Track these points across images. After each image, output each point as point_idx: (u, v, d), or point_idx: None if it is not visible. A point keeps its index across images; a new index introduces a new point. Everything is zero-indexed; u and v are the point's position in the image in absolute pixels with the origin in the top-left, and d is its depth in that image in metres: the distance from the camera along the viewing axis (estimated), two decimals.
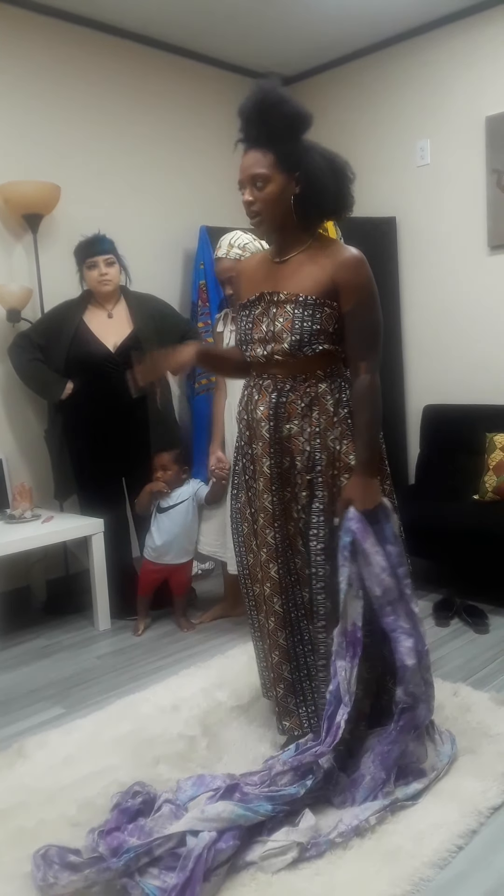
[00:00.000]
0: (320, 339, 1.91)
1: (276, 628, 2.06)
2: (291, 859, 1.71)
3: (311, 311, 1.90)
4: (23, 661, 2.99)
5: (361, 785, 1.91)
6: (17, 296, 3.35)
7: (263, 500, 2.01)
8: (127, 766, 2.13)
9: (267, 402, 1.97)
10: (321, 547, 1.97)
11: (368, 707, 2.06)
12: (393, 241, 4.18)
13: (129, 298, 3.35)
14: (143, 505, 3.23)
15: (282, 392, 1.96)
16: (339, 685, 1.90)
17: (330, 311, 1.91)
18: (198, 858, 1.61)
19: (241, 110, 1.89)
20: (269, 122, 1.85)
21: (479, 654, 2.82)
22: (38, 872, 1.66)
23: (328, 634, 1.98)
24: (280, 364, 1.96)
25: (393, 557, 1.96)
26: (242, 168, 1.90)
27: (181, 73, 4.11)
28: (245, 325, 2.02)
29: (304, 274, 1.93)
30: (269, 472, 1.98)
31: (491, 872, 1.69)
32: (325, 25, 3.84)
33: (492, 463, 3.48)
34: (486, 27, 3.71)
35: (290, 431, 1.96)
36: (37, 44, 3.52)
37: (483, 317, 3.90)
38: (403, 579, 1.97)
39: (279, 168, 1.87)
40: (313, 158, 1.90)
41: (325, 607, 1.99)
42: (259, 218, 1.92)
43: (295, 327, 1.90)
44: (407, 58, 4.04)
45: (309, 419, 1.95)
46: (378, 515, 1.96)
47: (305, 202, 1.91)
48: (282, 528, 2.01)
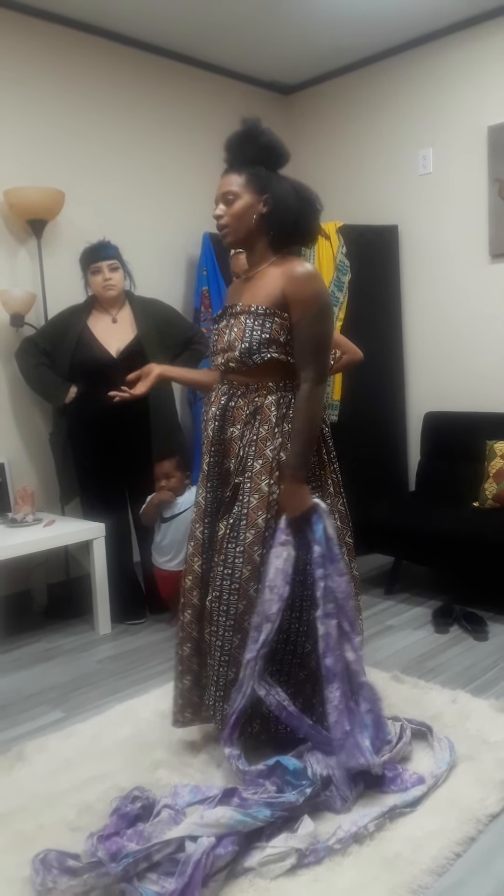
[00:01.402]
0: (270, 347, 2.01)
1: (192, 621, 2.15)
2: (290, 865, 1.71)
3: (262, 321, 2.01)
4: (23, 664, 3.00)
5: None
6: (21, 301, 3.37)
7: (198, 496, 2.15)
8: (126, 771, 2.13)
9: (217, 405, 2.10)
10: (240, 549, 2.02)
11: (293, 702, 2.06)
12: (395, 249, 4.20)
13: (133, 303, 3.36)
14: (150, 516, 3.23)
15: (232, 397, 2.08)
16: (244, 680, 1.96)
17: (280, 322, 2.01)
18: (196, 864, 1.61)
19: (226, 141, 2.09)
20: (245, 149, 2.05)
21: (479, 662, 2.82)
22: (37, 877, 1.66)
23: (234, 634, 2.03)
24: (234, 371, 2.08)
25: (313, 559, 1.98)
26: (218, 187, 2.09)
27: (186, 81, 4.13)
28: (213, 338, 2.17)
29: (258, 287, 2.06)
30: (207, 469, 2.12)
31: (489, 880, 1.69)
32: (328, 35, 3.86)
33: (492, 470, 3.49)
34: (488, 37, 3.74)
35: (231, 435, 2.07)
36: (42, 51, 3.55)
37: (484, 325, 3.92)
38: (320, 580, 1.98)
39: (249, 188, 2.03)
40: (281, 185, 2.05)
41: (236, 608, 2.02)
42: (226, 230, 2.07)
43: (245, 336, 2.01)
44: (409, 67, 4.06)
45: (251, 426, 2.05)
46: (310, 519, 2.00)
47: (271, 221, 2.04)
48: (211, 524, 2.13)
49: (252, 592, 2.01)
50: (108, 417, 3.26)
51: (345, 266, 3.92)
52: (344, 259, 3.92)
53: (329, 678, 1.97)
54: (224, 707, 2.06)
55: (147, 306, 3.38)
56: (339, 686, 1.97)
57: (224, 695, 2.06)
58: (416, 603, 3.46)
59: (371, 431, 4.10)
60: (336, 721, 1.96)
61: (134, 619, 3.37)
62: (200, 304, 3.95)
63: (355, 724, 1.99)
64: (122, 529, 3.44)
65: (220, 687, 2.07)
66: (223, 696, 2.06)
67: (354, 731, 1.97)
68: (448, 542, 3.35)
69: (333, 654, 1.98)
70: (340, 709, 1.97)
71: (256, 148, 2.04)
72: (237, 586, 2.02)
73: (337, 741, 1.95)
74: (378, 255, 4.15)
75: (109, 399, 2.32)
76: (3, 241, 3.47)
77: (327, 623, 1.98)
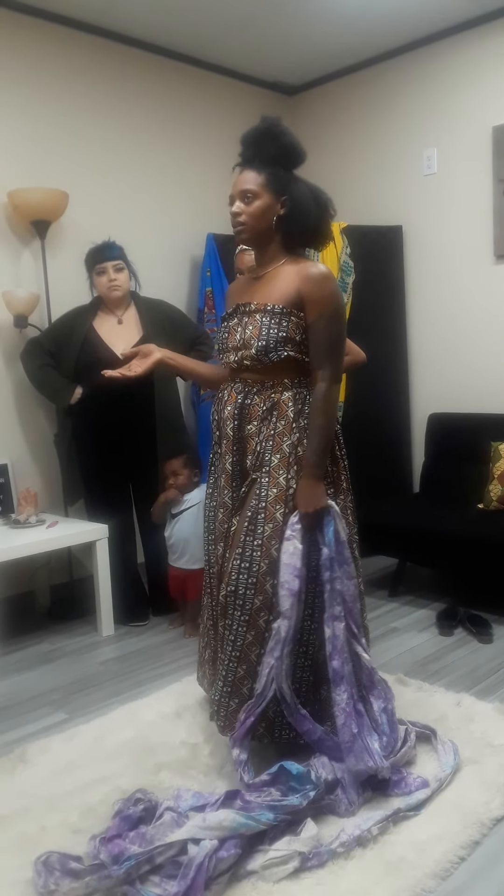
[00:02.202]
0: (287, 346, 2.03)
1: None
2: (293, 868, 1.70)
3: (278, 320, 2.03)
4: (26, 666, 2.99)
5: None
6: (25, 302, 3.37)
7: (224, 496, 2.14)
8: (129, 773, 2.12)
9: (233, 404, 2.10)
10: (258, 543, 2.02)
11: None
12: (399, 249, 4.19)
13: (139, 304, 3.36)
14: (158, 514, 3.24)
15: (248, 395, 2.09)
16: (265, 682, 1.95)
17: (296, 321, 2.03)
18: (199, 867, 1.61)
19: (244, 136, 2.08)
20: (266, 148, 2.05)
21: (483, 664, 2.81)
22: (39, 879, 1.66)
23: (248, 630, 2.02)
24: (249, 369, 2.09)
25: (320, 561, 2.01)
26: (235, 184, 2.08)
27: (190, 82, 4.13)
28: (223, 335, 2.16)
29: (273, 286, 2.07)
30: (231, 468, 2.12)
31: (493, 884, 1.68)
32: (333, 35, 3.86)
33: (497, 472, 3.47)
34: (493, 38, 3.73)
35: (248, 432, 2.09)
36: (46, 52, 3.55)
37: (489, 325, 3.91)
38: (326, 583, 2.00)
39: (268, 188, 2.04)
40: (300, 188, 2.07)
41: (252, 603, 2.02)
42: (242, 228, 2.07)
43: (262, 334, 2.03)
44: (414, 68, 4.05)
45: (268, 422, 2.06)
46: (322, 518, 2.03)
47: (289, 223, 2.07)
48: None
49: (268, 587, 2.01)
50: (114, 418, 3.26)
51: (349, 267, 3.92)
52: (348, 260, 3.92)
53: (336, 680, 1.98)
54: (229, 703, 2.05)
55: (152, 307, 3.38)
56: (346, 689, 1.98)
57: (231, 691, 2.05)
58: (421, 605, 3.45)
59: (375, 433, 4.09)
60: (343, 724, 1.96)
61: (137, 620, 3.37)
62: (204, 305, 3.95)
63: (363, 726, 1.99)
64: (127, 530, 3.44)
65: (227, 682, 2.05)
66: (230, 692, 2.05)
67: (363, 734, 1.97)
68: (452, 543, 3.33)
69: (340, 656, 1.99)
70: (348, 711, 1.97)
71: (276, 147, 2.04)
72: (254, 580, 2.01)
73: (345, 744, 1.95)
74: (382, 256, 4.15)
75: (105, 379, 2.27)
76: (7, 242, 3.48)
77: (334, 625, 2.00)
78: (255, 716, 1.96)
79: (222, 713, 2.07)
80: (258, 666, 2.02)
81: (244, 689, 2.04)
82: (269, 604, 2.01)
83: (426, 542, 3.45)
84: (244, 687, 2.04)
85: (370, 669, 2.07)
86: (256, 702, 1.97)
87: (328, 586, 2.00)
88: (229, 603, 2.04)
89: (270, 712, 2.02)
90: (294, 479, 2.04)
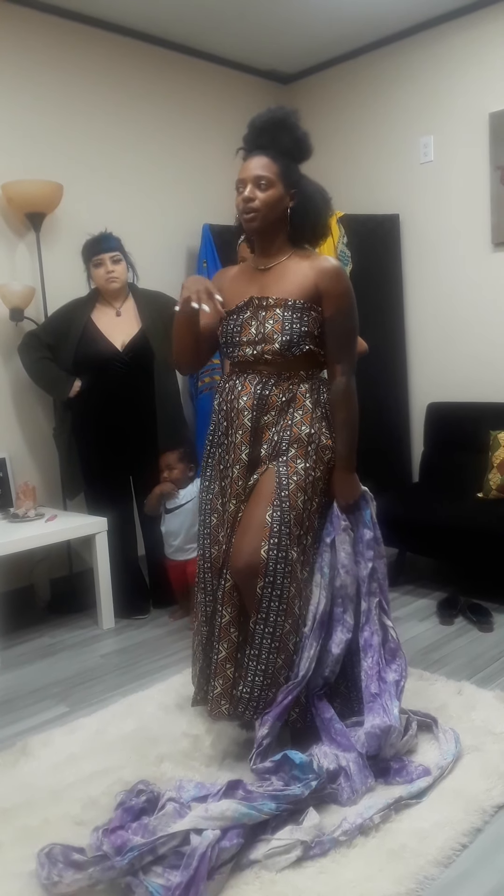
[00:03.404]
0: (307, 340, 2.06)
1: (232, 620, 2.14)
2: (295, 858, 1.70)
3: (300, 315, 2.04)
4: (27, 659, 3.00)
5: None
6: (20, 295, 3.35)
7: (237, 487, 2.12)
8: (131, 765, 2.13)
9: (250, 394, 2.09)
10: (286, 531, 2.03)
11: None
12: (396, 238, 4.18)
13: (137, 296, 3.35)
14: (152, 506, 3.25)
15: (266, 386, 2.09)
16: (307, 664, 2.03)
17: (315, 315, 2.06)
18: (202, 857, 1.61)
19: (255, 121, 2.07)
20: (282, 139, 2.05)
21: (484, 653, 2.81)
22: (42, 871, 1.66)
23: (286, 619, 2.03)
24: (268, 363, 2.09)
25: (364, 542, 2.13)
26: (248, 168, 2.03)
27: (184, 71, 4.10)
28: (233, 329, 2.12)
29: (288, 280, 2.07)
30: (247, 458, 2.11)
31: (495, 871, 1.68)
32: (329, 22, 3.83)
33: (496, 461, 3.47)
34: (489, 23, 3.70)
35: (265, 422, 2.09)
36: (40, 42, 3.52)
37: (487, 314, 3.89)
38: (369, 562, 2.12)
39: (282, 179, 2.03)
40: (309, 184, 2.10)
41: (288, 591, 2.02)
42: (254, 215, 2.04)
43: (285, 328, 2.04)
44: (410, 54, 4.03)
45: (285, 413, 2.09)
46: (360, 504, 2.16)
47: (301, 218, 2.07)
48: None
49: (299, 574, 2.05)
50: (113, 410, 3.25)
51: (346, 256, 3.90)
52: (345, 249, 3.90)
53: (365, 649, 2.09)
54: (268, 694, 2.04)
55: (151, 299, 3.36)
56: (372, 656, 2.08)
57: (270, 682, 2.04)
58: (421, 595, 3.45)
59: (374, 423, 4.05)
60: (366, 686, 2.05)
61: (138, 613, 3.37)
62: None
63: (384, 690, 2.06)
64: (127, 523, 3.43)
65: (267, 675, 2.03)
66: (269, 684, 2.03)
67: (383, 696, 2.05)
68: (452, 533, 3.33)
69: (371, 628, 2.11)
70: (371, 675, 2.06)
71: (292, 140, 2.06)
72: (290, 569, 2.02)
73: (366, 704, 2.04)
74: (379, 245, 4.13)
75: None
76: (2, 234, 3.46)
77: (370, 600, 2.11)
78: (294, 696, 2.00)
79: (261, 707, 2.04)
80: (295, 654, 2.06)
81: (281, 678, 2.05)
82: (300, 590, 2.06)
83: (426, 532, 3.45)
84: (281, 676, 2.05)
85: (396, 642, 2.16)
86: (300, 682, 2.01)
87: (370, 565, 2.11)
88: (265, 595, 2.02)
89: (302, 696, 2.05)
90: (312, 468, 2.07)
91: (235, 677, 2.12)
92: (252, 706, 2.06)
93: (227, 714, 2.15)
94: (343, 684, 2.16)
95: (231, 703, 2.13)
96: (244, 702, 2.07)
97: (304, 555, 2.08)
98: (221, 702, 2.14)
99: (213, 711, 2.17)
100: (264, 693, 2.04)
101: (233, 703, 2.12)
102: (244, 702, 2.07)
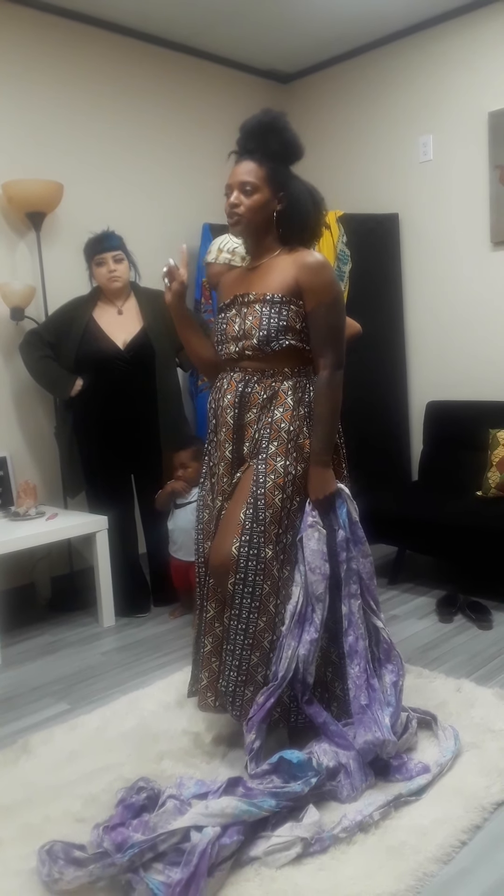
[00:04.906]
0: (287, 335, 2.05)
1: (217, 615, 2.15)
2: (295, 854, 1.71)
3: (278, 309, 2.04)
4: (28, 657, 3.00)
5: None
6: (21, 294, 3.36)
7: (223, 484, 2.15)
8: (131, 762, 2.13)
9: (233, 392, 2.11)
10: (261, 530, 2.03)
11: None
12: (395, 237, 4.18)
13: (139, 295, 3.35)
14: (162, 502, 3.25)
15: (248, 384, 2.10)
16: (286, 664, 1.99)
17: (296, 309, 2.05)
18: (202, 853, 1.61)
19: (245, 125, 2.08)
20: (269, 142, 2.05)
21: (483, 650, 2.82)
22: (43, 868, 1.67)
23: (259, 616, 2.03)
24: (250, 359, 2.10)
25: (337, 542, 2.08)
26: (234, 173, 2.07)
27: (183, 71, 4.10)
28: (220, 326, 2.16)
29: (271, 276, 2.09)
30: (231, 456, 2.13)
31: (495, 868, 1.69)
32: (328, 22, 3.83)
33: (495, 459, 3.48)
34: (488, 23, 3.70)
35: (247, 420, 2.10)
36: (39, 42, 3.52)
37: (486, 313, 3.90)
38: (343, 563, 2.07)
39: (268, 183, 2.05)
40: (298, 185, 2.10)
41: (261, 589, 2.03)
42: (238, 218, 2.07)
43: (262, 324, 2.05)
44: (409, 54, 4.03)
45: (267, 410, 2.08)
46: (334, 502, 2.09)
47: (288, 220, 2.09)
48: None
49: (275, 572, 2.04)
50: (114, 409, 3.25)
51: (345, 255, 3.90)
52: (344, 248, 3.90)
53: (350, 655, 2.04)
54: (244, 692, 2.05)
55: (152, 298, 3.36)
56: (359, 662, 2.04)
57: (246, 679, 2.05)
58: (420, 592, 3.46)
59: (373, 421, 4.09)
60: (354, 696, 2.01)
61: (139, 611, 3.38)
62: (200, 296, 3.93)
63: (374, 700, 2.03)
64: (128, 521, 3.44)
65: (242, 671, 2.05)
66: (245, 681, 2.05)
67: (373, 707, 2.01)
68: (451, 531, 3.34)
69: (355, 632, 2.06)
70: (359, 684, 2.02)
71: (279, 142, 2.06)
72: (262, 566, 2.02)
73: (355, 715, 1.99)
74: (379, 244, 4.13)
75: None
76: (2, 234, 3.46)
77: (350, 603, 2.07)
78: (275, 697, 1.98)
79: (238, 703, 2.06)
80: (271, 652, 2.04)
81: (258, 676, 2.05)
82: (277, 588, 2.04)
83: (425, 530, 3.46)
84: (258, 674, 2.05)
85: (389, 643, 2.13)
86: (279, 684, 1.99)
87: (345, 566, 2.07)
88: (237, 591, 2.04)
89: (286, 697, 2.04)
90: (292, 465, 2.05)
91: (220, 671, 2.14)
92: (229, 700, 2.08)
93: (213, 706, 2.18)
94: (339, 687, 2.14)
95: (216, 696, 2.15)
96: (222, 696, 2.10)
97: (284, 553, 2.06)
98: (208, 694, 2.18)
99: (201, 703, 2.21)
100: (240, 689, 2.06)
101: (217, 695, 2.14)
102: (222, 696, 2.10)
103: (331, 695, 2.15)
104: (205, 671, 2.19)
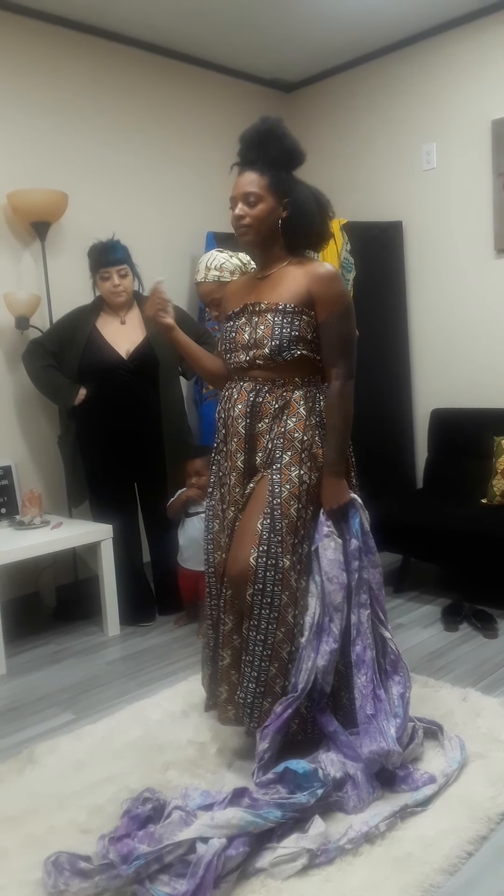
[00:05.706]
0: (299, 345, 2.05)
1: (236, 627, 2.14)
2: (301, 866, 1.71)
3: (290, 319, 2.05)
4: (33, 667, 3.00)
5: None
6: (26, 303, 3.37)
7: (235, 494, 2.14)
8: (137, 773, 2.13)
9: (244, 402, 2.11)
10: (278, 539, 2.03)
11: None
12: (399, 245, 4.19)
13: (142, 304, 3.36)
14: (175, 512, 3.25)
15: (259, 393, 2.10)
16: (305, 675, 1.99)
17: (308, 319, 2.06)
18: (208, 865, 1.61)
19: (244, 136, 2.09)
20: (269, 151, 2.06)
21: (489, 659, 2.81)
22: (48, 879, 1.67)
23: (278, 627, 2.03)
24: (261, 368, 2.10)
25: (349, 551, 2.08)
26: (238, 185, 2.08)
27: (188, 81, 4.13)
28: (229, 335, 2.16)
29: (282, 286, 2.09)
30: (242, 466, 2.12)
31: (501, 879, 1.68)
32: (330, 31, 3.85)
33: (500, 467, 3.47)
34: (491, 31, 3.72)
35: (259, 429, 2.10)
36: (44, 53, 3.55)
37: (490, 320, 3.90)
38: (355, 572, 2.07)
39: (271, 191, 2.06)
40: (302, 190, 2.10)
41: (280, 599, 2.02)
42: (245, 230, 2.08)
43: (275, 333, 2.05)
44: (412, 62, 4.04)
45: (279, 420, 2.08)
46: (347, 512, 2.10)
47: (294, 226, 2.09)
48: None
49: (293, 583, 2.04)
50: (118, 419, 3.26)
51: (349, 263, 3.91)
52: (348, 256, 3.91)
53: (358, 664, 2.04)
54: (263, 703, 2.04)
55: None
56: (366, 672, 2.03)
57: (265, 690, 2.04)
58: (426, 601, 3.45)
59: (378, 429, 4.09)
60: (361, 706, 2.01)
61: (144, 620, 3.37)
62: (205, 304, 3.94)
63: (380, 710, 2.03)
64: (132, 530, 3.44)
65: (260, 682, 2.04)
66: (263, 692, 2.04)
67: (379, 717, 2.01)
68: (456, 539, 3.33)
69: (363, 641, 2.06)
70: (365, 694, 2.02)
71: (279, 150, 2.06)
72: (280, 576, 2.02)
73: (361, 726, 1.99)
74: (383, 252, 4.14)
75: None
76: (7, 243, 3.48)
77: (360, 612, 2.07)
78: (293, 709, 1.98)
79: (255, 714, 2.05)
80: (290, 663, 2.04)
81: (276, 687, 2.04)
82: (295, 598, 2.04)
83: (430, 538, 3.45)
84: (276, 685, 2.04)
85: (396, 654, 2.13)
86: (298, 696, 1.99)
87: (356, 575, 2.07)
88: (256, 602, 2.03)
89: (303, 708, 2.04)
90: (306, 474, 2.06)
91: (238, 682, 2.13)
92: (247, 712, 2.07)
93: (233, 719, 2.17)
94: (346, 696, 2.13)
95: (236, 709, 2.14)
96: (240, 707, 2.09)
97: (300, 563, 2.06)
98: (228, 707, 2.16)
99: (221, 716, 2.19)
100: (258, 700, 2.05)
101: (237, 708, 2.13)
102: (240, 707, 2.09)
103: (337, 703, 2.14)
104: (224, 685, 2.17)
